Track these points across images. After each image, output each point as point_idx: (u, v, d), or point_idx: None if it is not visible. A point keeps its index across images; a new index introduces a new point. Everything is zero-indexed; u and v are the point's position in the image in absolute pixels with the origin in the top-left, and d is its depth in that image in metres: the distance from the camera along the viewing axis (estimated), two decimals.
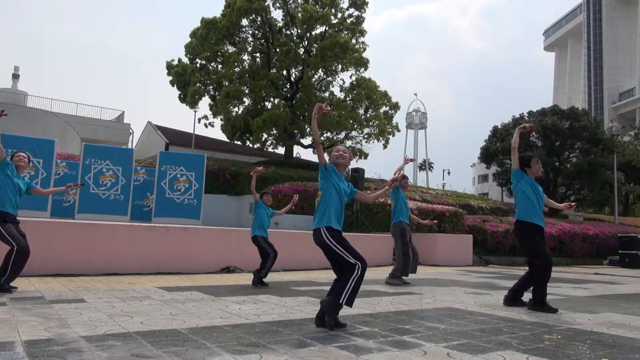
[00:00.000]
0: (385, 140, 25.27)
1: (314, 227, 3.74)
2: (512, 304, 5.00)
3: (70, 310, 3.98)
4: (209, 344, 2.89)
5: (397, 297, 5.61)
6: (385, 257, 12.22)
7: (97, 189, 11.78)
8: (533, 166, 5.06)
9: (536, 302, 4.79)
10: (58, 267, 6.91)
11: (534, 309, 4.76)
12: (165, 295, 5.16)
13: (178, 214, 12.52)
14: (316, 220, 3.72)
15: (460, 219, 14.51)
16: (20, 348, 2.65)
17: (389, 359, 2.69)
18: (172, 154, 14.75)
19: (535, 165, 5.07)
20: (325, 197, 3.74)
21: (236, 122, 23.24)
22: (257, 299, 5.11)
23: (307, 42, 24.53)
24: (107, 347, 2.73)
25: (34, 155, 10.98)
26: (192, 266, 8.10)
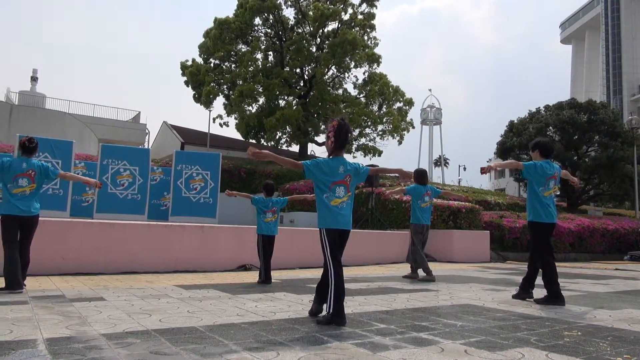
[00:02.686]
0: (399, 136, 25.15)
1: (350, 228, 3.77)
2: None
3: (90, 308, 4.04)
4: (227, 342, 2.91)
5: (414, 294, 5.59)
6: (400, 254, 12.17)
7: (115, 188, 11.92)
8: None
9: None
10: (78, 266, 7.02)
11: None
12: (182, 293, 5.21)
13: (194, 212, 12.62)
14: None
15: (477, 215, 14.38)
16: (43, 346, 2.70)
17: (406, 356, 2.67)
18: (187, 153, 14.86)
19: None
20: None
21: (250, 120, 23.34)
22: (273, 296, 5.13)
23: (320, 40, 24.50)
24: (127, 345, 2.76)
25: (52, 156, 11.16)
26: (208, 264, 8.17)
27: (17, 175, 4.97)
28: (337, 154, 3.80)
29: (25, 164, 5.05)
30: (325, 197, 3.69)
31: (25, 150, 5.16)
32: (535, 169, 5.00)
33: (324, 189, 3.71)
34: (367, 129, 25.08)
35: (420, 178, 7.57)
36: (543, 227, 5.01)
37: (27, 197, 4.99)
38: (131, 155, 12.49)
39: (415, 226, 7.48)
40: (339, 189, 3.71)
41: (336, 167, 3.73)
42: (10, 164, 5.03)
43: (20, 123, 23.82)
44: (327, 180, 3.71)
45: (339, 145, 3.77)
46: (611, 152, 22.09)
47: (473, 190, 24.39)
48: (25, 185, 4.98)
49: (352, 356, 2.64)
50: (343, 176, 3.73)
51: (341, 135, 3.74)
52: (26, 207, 4.97)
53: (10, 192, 4.93)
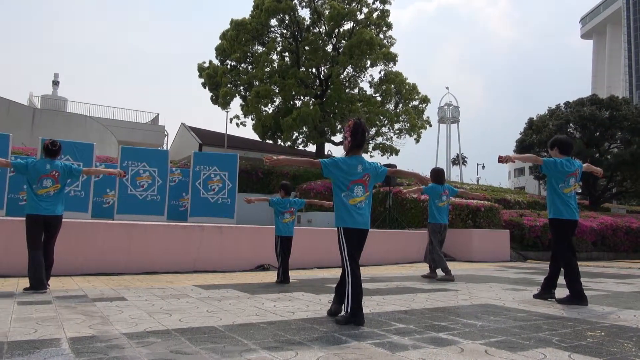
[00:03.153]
0: (416, 135, 24.99)
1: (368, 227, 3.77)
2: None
3: (112, 308, 4.11)
4: (246, 341, 2.92)
5: (433, 294, 5.55)
6: (419, 253, 12.09)
7: (135, 190, 12.08)
8: None
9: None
10: (99, 266, 7.14)
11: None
12: (202, 293, 5.26)
13: (213, 213, 12.72)
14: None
15: (496, 214, 14.21)
16: (66, 345, 2.75)
17: (425, 356, 2.66)
18: (205, 155, 14.98)
19: None
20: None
21: (266, 121, 23.43)
22: (291, 296, 5.14)
23: (335, 39, 24.48)
24: (148, 344, 2.80)
25: (74, 159, 11.35)
26: (227, 264, 8.23)
27: (42, 177, 5.08)
28: (354, 153, 3.79)
29: (48, 166, 5.16)
30: (343, 196, 3.69)
31: (48, 152, 5.27)
32: (555, 165, 4.91)
33: (342, 187, 3.70)
34: (384, 128, 24.98)
35: (438, 177, 7.53)
36: (564, 224, 4.92)
37: (51, 197, 5.09)
38: (150, 156, 12.65)
39: (433, 225, 7.44)
40: (357, 188, 3.70)
41: (354, 165, 3.72)
42: (34, 165, 5.15)
43: (43, 126, 24.32)
44: (345, 179, 3.70)
45: (356, 144, 3.76)
46: (634, 148, 21.61)
47: (492, 189, 24.12)
48: (49, 185, 5.09)
49: (370, 356, 2.63)
50: (362, 175, 3.72)
51: (357, 134, 3.73)
52: (51, 208, 5.07)
53: (35, 192, 5.04)
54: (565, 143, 5.09)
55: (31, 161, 5.25)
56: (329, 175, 3.76)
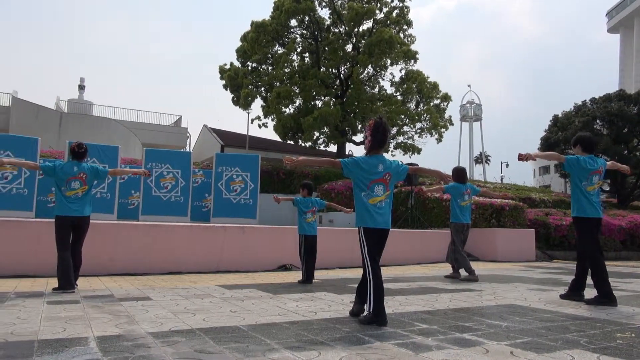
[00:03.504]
0: (438, 134, 24.76)
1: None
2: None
3: (137, 307, 4.18)
4: (269, 341, 2.94)
5: (456, 294, 5.49)
6: (442, 253, 11.97)
7: (159, 191, 12.27)
8: None
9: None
10: (125, 266, 7.27)
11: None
12: (225, 293, 5.31)
13: (235, 213, 12.83)
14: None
15: (521, 212, 13.97)
16: (94, 343, 2.81)
17: (449, 357, 2.63)
18: (227, 156, 15.12)
19: None
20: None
21: (287, 121, 23.52)
22: (314, 296, 5.15)
23: (355, 39, 24.43)
24: (173, 343, 2.84)
25: (100, 161, 11.58)
26: (249, 264, 8.29)
27: (70, 179, 5.19)
28: (375, 152, 3.78)
29: (76, 168, 5.28)
30: (363, 196, 3.68)
31: (75, 155, 5.39)
32: (577, 162, 4.82)
33: (363, 187, 3.69)
34: (405, 127, 24.82)
35: (460, 176, 7.45)
36: (588, 222, 4.83)
37: (79, 199, 5.21)
38: (174, 158, 12.83)
39: (455, 225, 7.37)
40: (378, 188, 3.68)
41: (375, 164, 3.71)
42: (62, 167, 5.27)
43: (70, 130, 24.90)
44: (365, 178, 3.69)
45: (377, 144, 3.75)
46: None
47: (517, 188, 23.73)
48: (77, 187, 5.20)
49: (394, 356, 2.62)
50: (382, 174, 3.70)
51: (378, 133, 3.72)
52: (79, 209, 5.19)
53: (64, 194, 5.16)
54: (588, 140, 5.01)
55: (59, 164, 5.37)
56: (349, 175, 3.76)
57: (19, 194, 10.63)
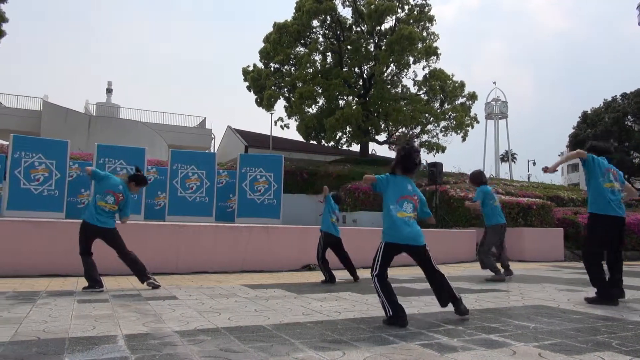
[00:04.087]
0: (463, 132, 24.47)
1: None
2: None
3: (164, 306, 4.25)
4: (293, 340, 2.95)
5: (482, 294, 5.41)
6: (467, 253, 11.83)
7: (184, 192, 12.44)
8: None
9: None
10: (152, 265, 7.35)
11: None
12: (249, 292, 5.35)
13: (259, 214, 12.92)
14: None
15: (549, 211, 13.70)
16: (122, 341, 2.87)
17: (475, 358, 2.59)
18: (251, 156, 15.24)
19: None
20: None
21: (310, 122, 23.58)
22: (338, 296, 5.15)
23: (377, 38, 24.33)
24: (199, 342, 2.88)
25: (127, 163, 11.83)
26: (274, 264, 8.34)
27: (109, 191, 5.31)
28: (403, 175, 3.83)
29: (121, 187, 5.41)
30: (392, 209, 3.69)
31: (135, 178, 5.51)
32: (593, 159, 4.86)
33: (392, 201, 3.71)
34: (430, 126, 24.61)
35: (483, 178, 7.42)
36: (605, 220, 4.73)
37: (105, 212, 5.32)
38: (199, 159, 13.00)
39: (495, 227, 7.25)
40: (407, 205, 3.71)
41: (404, 184, 3.77)
42: (108, 177, 5.42)
43: (98, 133, 25.48)
44: (395, 193, 3.73)
45: (404, 169, 3.81)
46: None
47: (544, 186, 23.24)
48: (110, 202, 5.31)
49: (418, 357, 2.60)
50: (412, 193, 3.76)
51: (404, 160, 3.79)
52: (103, 220, 5.30)
53: (96, 202, 5.29)
54: (599, 149, 5.07)
55: (109, 173, 5.56)
56: (381, 189, 3.79)
57: (50, 196, 10.92)
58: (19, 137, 11.23)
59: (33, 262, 6.74)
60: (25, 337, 2.94)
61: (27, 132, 22.67)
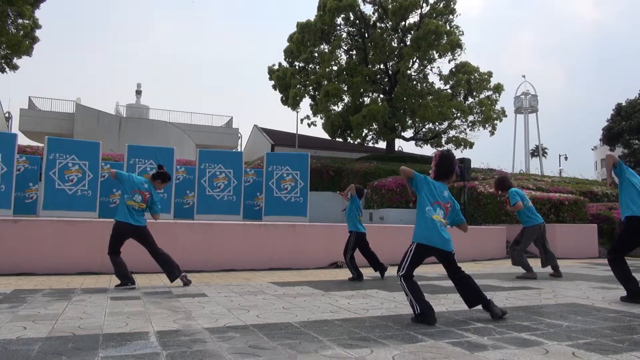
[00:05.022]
0: (492, 126, 24.04)
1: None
2: None
3: (194, 303, 4.32)
4: (321, 338, 2.96)
5: (513, 292, 5.32)
6: (497, 250, 11.63)
7: (212, 191, 12.60)
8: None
9: None
10: (182, 263, 7.45)
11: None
12: (277, 290, 5.39)
13: (286, 212, 12.98)
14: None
15: (582, 207, 13.34)
16: (154, 338, 2.93)
17: (506, 356, 2.55)
18: (277, 155, 15.31)
19: None
20: None
21: (336, 120, 23.56)
22: (365, 293, 5.14)
23: (402, 33, 24.11)
24: (228, 339, 2.91)
25: (156, 162, 12.03)
26: (301, 262, 8.37)
27: (135, 190, 5.44)
28: (441, 180, 3.84)
29: (147, 185, 5.53)
30: (427, 210, 3.68)
31: (158, 176, 5.64)
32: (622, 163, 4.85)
33: (427, 203, 3.70)
34: (457, 121, 24.26)
35: (508, 183, 7.36)
36: (634, 222, 4.60)
37: (136, 211, 5.44)
38: (226, 158, 13.14)
39: (537, 227, 7.15)
40: (439, 210, 3.71)
41: (442, 189, 3.79)
42: (131, 177, 5.55)
43: (128, 133, 26.04)
44: (432, 196, 3.73)
45: (441, 174, 3.85)
46: None
47: (577, 181, 22.63)
48: (138, 201, 5.43)
49: (448, 355, 2.57)
50: (446, 200, 3.76)
51: (441, 166, 3.84)
52: (136, 218, 5.42)
53: (125, 202, 5.42)
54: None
55: (131, 175, 5.68)
56: (417, 187, 3.79)
57: (83, 196, 11.22)
58: (53, 139, 11.57)
59: (68, 260, 6.95)
60: (61, 333, 3.04)
61: (61, 134, 23.38)
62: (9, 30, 18.00)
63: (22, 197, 11.76)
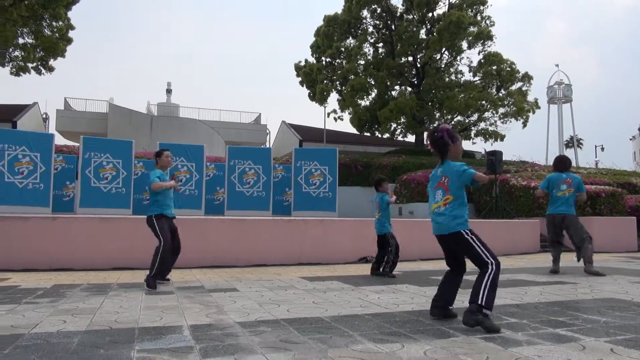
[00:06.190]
0: (524, 118, 23.48)
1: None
2: None
3: (225, 298, 4.38)
4: (351, 332, 2.96)
5: (547, 287, 5.20)
6: (530, 244, 11.38)
7: (242, 187, 12.74)
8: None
9: None
10: (213, 259, 7.65)
11: None
12: (307, 284, 5.42)
13: (315, 207, 13.01)
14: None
15: (620, 199, 12.91)
16: (187, 332, 2.99)
17: (541, 352, 2.50)
18: (305, 150, 15.35)
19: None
20: None
21: (363, 114, 23.45)
22: (395, 288, 5.11)
23: (429, 25, 23.77)
24: (259, 333, 2.95)
25: (187, 160, 12.26)
26: (330, 257, 8.39)
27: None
28: (441, 161, 3.60)
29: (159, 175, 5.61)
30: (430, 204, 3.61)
31: (156, 154, 5.73)
32: None
33: (429, 194, 3.66)
34: (487, 113, 23.78)
35: (555, 165, 7.08)
36: None
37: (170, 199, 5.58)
38: (255, 155, 13.25)
39: (547, 217, 6.99)
40: (437, 193, 3.51)
41: (436, 170, 3.61)
42: (148, 176, 5.67)
43: (160, 132, 26.55)
44: (431, 186, 3.62)
45: (438, 154, 3.58)
46: None
47: (614, 172, 21.89)
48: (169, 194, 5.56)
49: (481, 350, 2.53)
50: (440, 178, 3.51)
51: (434, 147, 3.57)
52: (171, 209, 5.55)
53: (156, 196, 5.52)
54: None
55: (149, 175, 5.76)
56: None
57: (118, 193, 11.51)
58: (88, 138, 11.90)
59: (104, 256, 7.16)
60: (99, 327, 3.13)
61: (95, 134, 24.01)
62: (44, 33, 18.58)
63: (60, 195, 12.16)
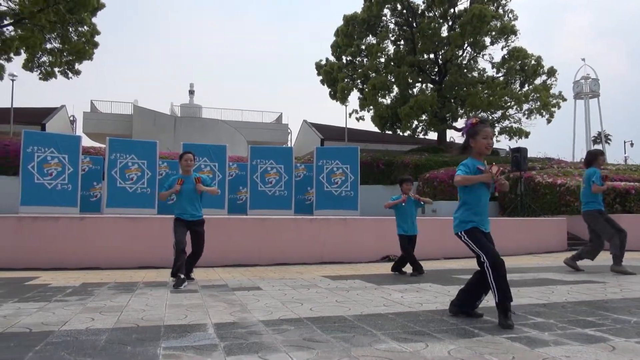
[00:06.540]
0: (549, 114, 23.02)
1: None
2: None
3: (249, 297, 4.42)
4: (375, 331, 2.95)
5: (575, 286, 5.09)
6: (556, 242, 11.16)
7: (264, 186, 12.82)
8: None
9: None
10: (236, 258, 7.72)
11: None
12: (330, 283, 5.42)
13: (337, 205, 13.01)
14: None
15: None
16: (212, 330, 3.03)
17: (569, 353, 2.45)
18: (327, 149, 15.36)
19: None
20: None
21: (384, 112, 23.32)
22: (419, 287, 5.07)
23: (451, 21, 23.50)
24: (282, 331, 2.96)
25: (210, 160, 12.40)
26: (352, 256, 8.38)
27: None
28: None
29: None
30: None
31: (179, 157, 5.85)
32: None
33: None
34: (511, 110, 23.41)
35: (586, 160, 6.91)
36: None
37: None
38: (277, 154, 13.32)
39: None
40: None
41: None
42: (168, 178, 5.78)
43: (183, 132, 26.92)
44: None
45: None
46: None
47: None
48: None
49: (507, 350, 2.50)
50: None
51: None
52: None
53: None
54: None
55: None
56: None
57: (143, 193, 11.72)
58: (114, 139, 12.14)
59: (130, 255, 7.30)
60: (126, 324, 3.19)
61: (120, 135, 24.51)
62: (71, 38, 19.02)
63: (87, 195, 12.44)
